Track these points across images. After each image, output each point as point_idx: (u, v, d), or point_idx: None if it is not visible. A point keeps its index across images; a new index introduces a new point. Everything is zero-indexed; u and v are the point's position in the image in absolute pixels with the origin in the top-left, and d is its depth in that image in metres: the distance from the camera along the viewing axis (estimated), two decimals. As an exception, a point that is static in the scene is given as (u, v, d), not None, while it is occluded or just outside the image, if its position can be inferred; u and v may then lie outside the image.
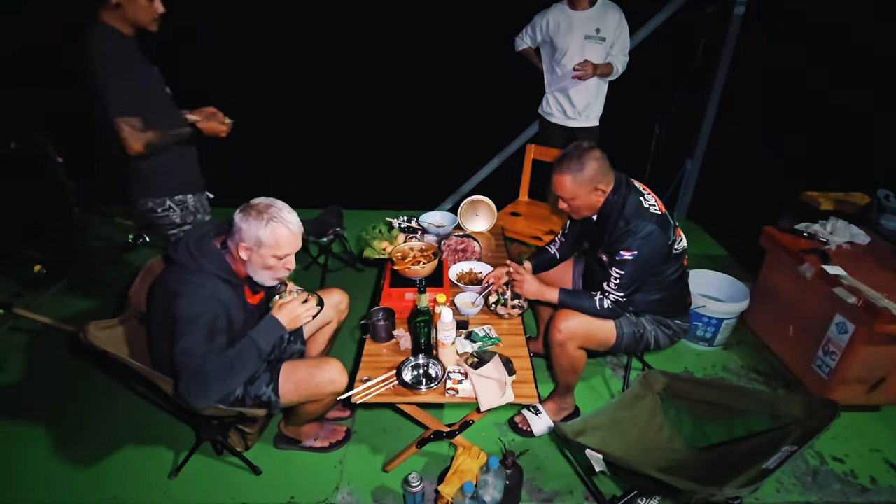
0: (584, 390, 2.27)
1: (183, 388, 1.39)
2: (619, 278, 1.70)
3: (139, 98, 1.68)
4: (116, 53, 1.64)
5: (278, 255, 1.44)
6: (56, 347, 2.46)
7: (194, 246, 1.45)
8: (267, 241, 1.41)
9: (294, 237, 1.45)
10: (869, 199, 2.53)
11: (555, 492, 1.82)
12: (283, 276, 1.52)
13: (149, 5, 1.69)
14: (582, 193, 1.69)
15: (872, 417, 2.16)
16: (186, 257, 1.44)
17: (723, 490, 1.20)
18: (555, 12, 2.70)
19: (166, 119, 1.81)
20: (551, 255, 2.11)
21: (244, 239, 1.41)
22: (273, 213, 1.41)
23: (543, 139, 3.03)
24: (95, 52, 1.61)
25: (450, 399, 1.58)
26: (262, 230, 1.40)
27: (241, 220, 1.41)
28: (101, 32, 1.65)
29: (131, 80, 1.66)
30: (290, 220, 1.45)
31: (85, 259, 3.20)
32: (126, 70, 1.66)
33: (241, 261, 1.47)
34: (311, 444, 1.95)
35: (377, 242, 2.34)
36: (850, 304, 1.97)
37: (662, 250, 1.69)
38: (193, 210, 1.98)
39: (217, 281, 1.44)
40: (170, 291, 1.43)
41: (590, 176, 1.65)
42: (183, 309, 1.39)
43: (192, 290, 1.40)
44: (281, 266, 1.48)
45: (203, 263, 1.43)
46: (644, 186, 1.77)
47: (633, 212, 1.67)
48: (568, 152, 1.69)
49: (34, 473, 1.88)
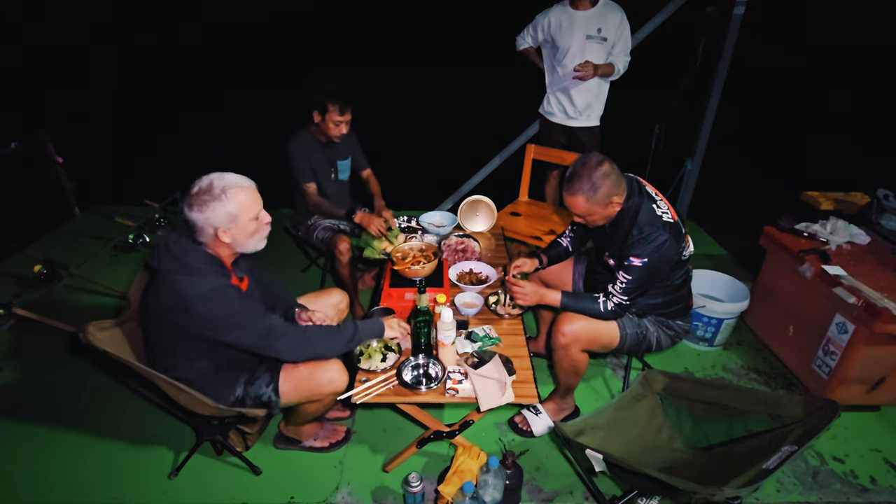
0: (584, 390, 2.26)
1: (284, 347, 1.50)
2: (625, 283, 1.68)
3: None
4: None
5: (252, 215, 1.45)
6: (56, 347, 2.46)
7: (176, 250, 1.42)
8: (237, 210, 1.40)
9: (252, 190, 1.46)
10: (869, 199, 2.53)
11: (555, 492, 1.82)
12: (266, 232, 1.52)
13: (335, 128, 2.36)
14: (597, 210, 1.67)
15: (872, 417, 2.16)
16: (172, 263, 1.41)
17: (723, 490, 1.20)
18: (556, 12, 2.70)
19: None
20: (564, 247, 2.10)
21: (218, 224, 1.40)
22: (221, 184, 1.39)
23: (544, 139, 3.03)
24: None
25: (450, 399, 1.58)
26: (226, 205, 1.38)
27: (198, 212, 1.38)
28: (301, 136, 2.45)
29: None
30: (238, 180, 1.44)
31: (85, 259, 3.20)
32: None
33: (224, 246, 1.46)
34: (311, 444, 1.95)
35: (377, 242, 2.34)
36: (850, 304, 1.97)
37: (673, 259, 1.69)
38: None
39: (215, 273, 1.44)
40: (170, 303, 1.40)
41: (604, 194, 1.62)
42: (203, 317, 1.39)
43: (197, 297, 1.39)
44: (262, 224, 1.49)
45: (191, 263, 1.41)
46: (657, 192, 1.75)
47: (646, 220, 1.64)
48: (576, 171, 1.63)
49: (34, 473, 1.88)
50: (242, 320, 1.45)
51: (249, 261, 1.67)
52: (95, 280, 2.92)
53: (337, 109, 2.31)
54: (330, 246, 2.42)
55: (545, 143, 2.97)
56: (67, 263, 3.03)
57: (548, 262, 2.09)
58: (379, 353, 1.74)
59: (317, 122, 2.38)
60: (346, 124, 2.37)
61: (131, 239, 3.35)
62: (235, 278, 1.54)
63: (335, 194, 2.56)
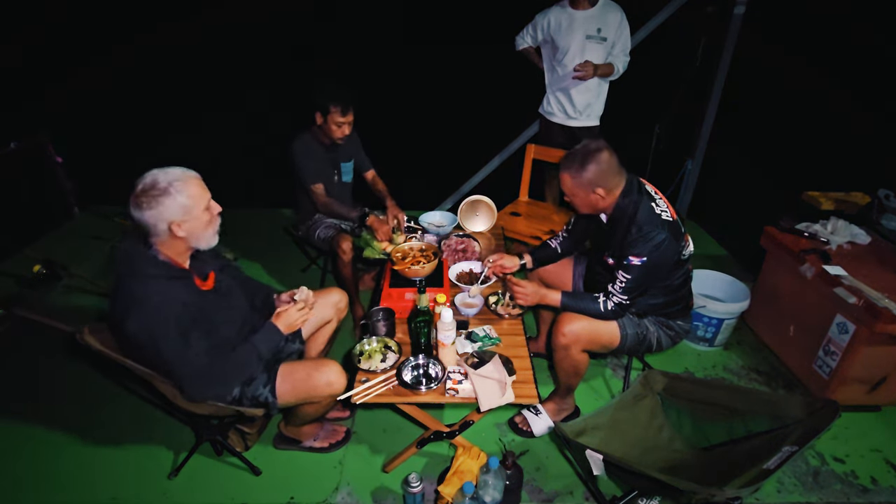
0: (584, 390, 2.26)
1: (186, 387, 1.44)
2: (625, 282, 1.68)
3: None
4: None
5: (204, 205, 1.42)
6: (55, 347, 2.46)
7: (127, 256, 1.40)
8: (189, 202, 1.37)
9: (198, 180, 1.42)
10: (869, 199, 2.53)
11: (555, 492, 1.82)
12: (217, 223, 1.48)
13: (337, 129, 2.36)
14: (580, 193, 1.69)
15: (873, 418, 2.16)
16: (123, 268, 1.40)
17: (723, 490, 1.20)
18: (556, 11, 2.70)
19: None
20: (552, 248, 2.10)
21: (172, 218, 1.36)
22: (165, 179, 1.35)
23: (544, 139, 3.03)
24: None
25: (450, 399, 1.58)
26: (177, 198, 1.35)
27: (147, 210, 1.34)
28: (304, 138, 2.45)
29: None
30: (181, 173, 1.39)
31: (85, 259, 3.20)
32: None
33: (177, 243, 1.42)
34: (311, 444, 1.95)
35: (377, 242, 2.34)
36: (851, 304, 1.97)
37: (673, 258, 1.69)
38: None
39: (162, 282, 1.40)
40: (119, 311, 1.39)
41: (588, 179, 1.64)
42: (136, 328, 1.36)
43: (138, 306, 1.36)
44: (213, 214, 1.46)
45: (141, 269, 1.39)
46: (656, 191, 1.76)
47: (645, 218, 1.65)
48: (575, 151, 1.68)
49: (34, 473, 1.88)
50: (168, 347, 1.38)
51: (216, 257, 1.64)
52: (95, 280, 2.92)
53: (339, 111, 2.30)
54: (332, 245, 2.42)
55: (545, 143, 2.97)
56: (67, 263, 3.03)
57: (534, 263, 2.10)
58: (379, 354, 1.74)
59: (319, 123, 2.37)
60: (348, 125, 2.37)
61: (131, 239, 3.35)
62: (198, 278, 1.51)
63: (339, 197, 2.56)
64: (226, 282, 1.63)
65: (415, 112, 3.68)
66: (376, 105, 3.61)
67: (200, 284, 1.51)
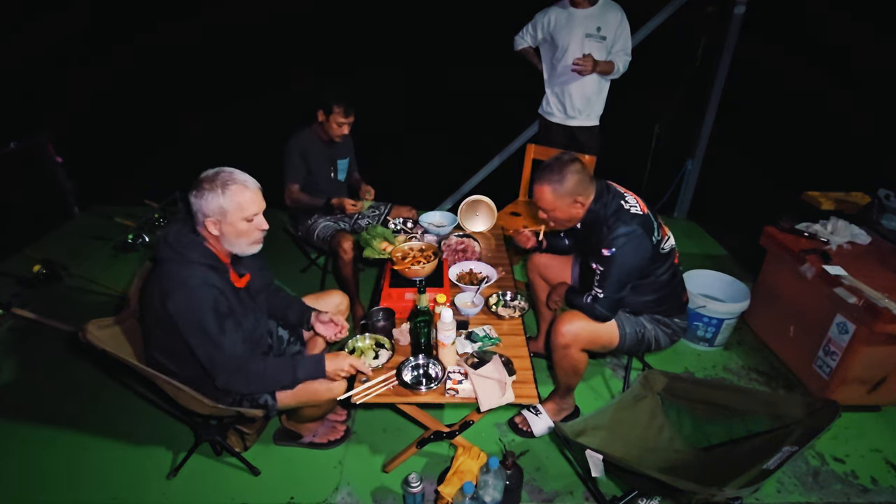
0: (584, 390, 2.26)
1: (220, 372, 1.45)
2: (599, 275, 1.72)
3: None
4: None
5: (246, 216, 1.43)
6: (55, 347, 2.46)
7: (173, 239, 1.43)
8: (229, 207, 1.39)
9: (254, 193, 1.44)
10: (869, 199, 2.53)
11: (555, 492, 1.82)
12: (258, 238, 1.50)
13: (337, 128, 2.40)
14: (562, 206, 1.72)
15: (873, 418, 2.16)
16: (168, 252, 1.43)
17: (723, 490, 1.20)
18: (556, 10, 2.70)
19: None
20: (563, 241, 2.15)
21: (208, 213, 1.39)
22: (224, 178, 1.39)
23: (544, 139, 3.03)
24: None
25: (450, 399, 1.58)
26: (220, 198, 1.38)
27: (196, 197, 1.39)
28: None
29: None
30: (244, 178, 1.43)
31: (85, 259, 3.20)
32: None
33: (216, 240, 1.45)
34: (311, 439, 1.95)
35: (377, 242, 2.34)
36: (851, 304, 1.96)
37: (647, 251, 1.69)
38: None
39: (203, 268, 1.43)
40: (159, 291, 1.41)
41: (569, 189, 1.68)
42: (176, 307, 1.38)
43: (180, 286, 1.39)
44: (254, 228, 1.47)
45: (185, 253, 1.42)
46: (625, 189, 1.79)
47: (614, 215, 1.69)
48: (549, 164, 1.72)
49: (34, 473, 1.87)
50: (206, 328, 1.41)
51: (258, 261, 1.65)
52: (95, 280, 2.92)
53: (342, 111, 2.35)
54: (332, 244, 2.42)
55: (545, 143, 2.97)
56: (67, 263, 3.03)
57: (547, 247, 2.16)
58: (371, 351, 1.73)
59: (320, 120, 2.41)
60: (348, 126, 2.42)
61: (131, 239, 3.35)
62: (234, 274, 1.54)
63: (333, 194, 2.57)
64: (255, 286, 1.64)
65: (415, 112, 3.68)
66: (376, 105, 3.62)
67: (236, 280, 1.54)
